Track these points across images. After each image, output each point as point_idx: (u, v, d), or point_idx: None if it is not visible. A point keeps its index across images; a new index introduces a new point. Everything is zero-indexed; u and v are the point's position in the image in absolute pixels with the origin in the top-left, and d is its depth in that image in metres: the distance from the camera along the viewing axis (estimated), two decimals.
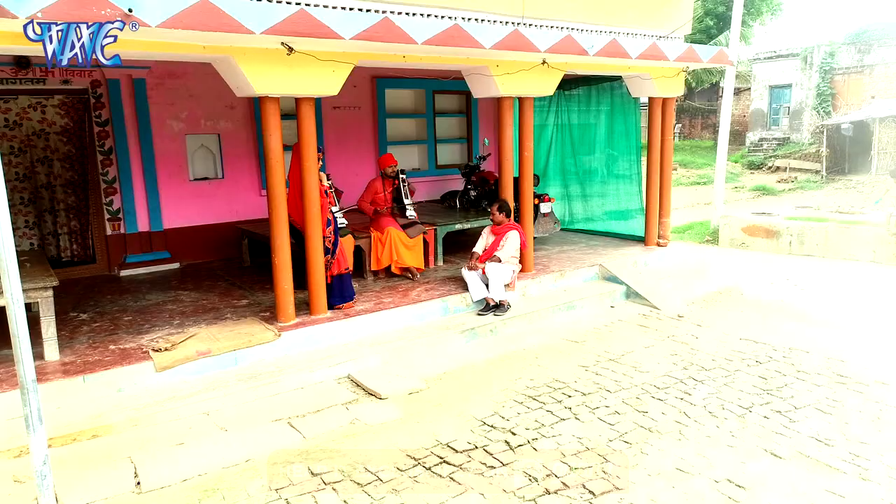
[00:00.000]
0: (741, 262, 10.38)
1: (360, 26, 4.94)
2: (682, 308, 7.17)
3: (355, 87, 9.44)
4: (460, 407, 4.71)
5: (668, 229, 8.92)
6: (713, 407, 4.62)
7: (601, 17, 7.40)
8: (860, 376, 5.17)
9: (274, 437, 4.29)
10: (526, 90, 6.78)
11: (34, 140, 7.41)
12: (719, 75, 28.93)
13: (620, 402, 4.74)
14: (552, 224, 8.80)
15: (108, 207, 7.78)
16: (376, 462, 3.95)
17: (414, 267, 7.23)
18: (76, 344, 5.30)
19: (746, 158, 25.37)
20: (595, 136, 9.54)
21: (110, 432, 4.34)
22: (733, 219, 12.12)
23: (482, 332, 6.23)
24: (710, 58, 7.78)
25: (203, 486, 3.73)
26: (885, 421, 4.39)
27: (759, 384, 5.02)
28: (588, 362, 5.55)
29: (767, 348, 5.82)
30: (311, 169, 5.64)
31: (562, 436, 4.24)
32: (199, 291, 6.94)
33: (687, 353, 5.72)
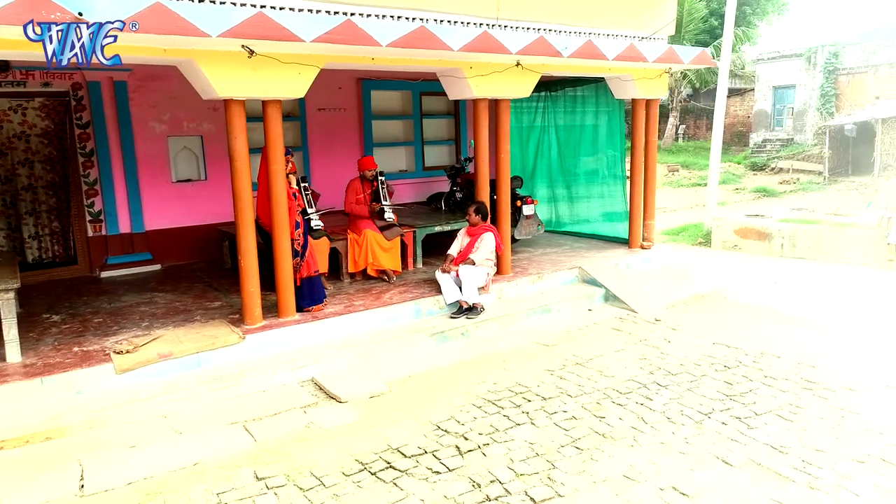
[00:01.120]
0: (730, 264, 10.30)
1: (321, 29, 4.93)
2: (661, 311, 7.10)
3: (340, 88, 9.48)
4: (418, 411, 4.69)
5: (653, 231, 8.84)
6: (672, 413, 4.57)
7: (580, 18, 7.35)
8: (829, 382, 5.09)
9: (226, 441, 4.29)
10: (501, 92, 6.75)
11: (15, 142, 7.47)
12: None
13: (580, 407, 4.70)
14: (535, 226, 8.74)
15: (90, 209, 7.82)
16: (323, 466, 3.93)
17: (390, 269, 7.21)
18: (41, 346, 5.32)
19: (749, 160, 25.16)
20: (581, 137, 9.48)
21: (64, 434, 4.35)
22: (726, 221, 12.03)
23: (453, 335, 6.20)
24: (691, 59, 7.71)
25: (147, 490, 3.72)
26: (844, 428, 4.32)
27: (724, 390, 4.96)
28: (555, 366, 5.51)
29: (739, 353, 5.75)
30: (278, 172, 5.64)
31: (514, 441, 4.21)
32: (175, 293, 6.96)
33: (656, 358, 5.66)
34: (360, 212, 7.20)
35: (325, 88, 9.26)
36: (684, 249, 11.79)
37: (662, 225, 14.94)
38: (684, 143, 29.98)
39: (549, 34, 7.00)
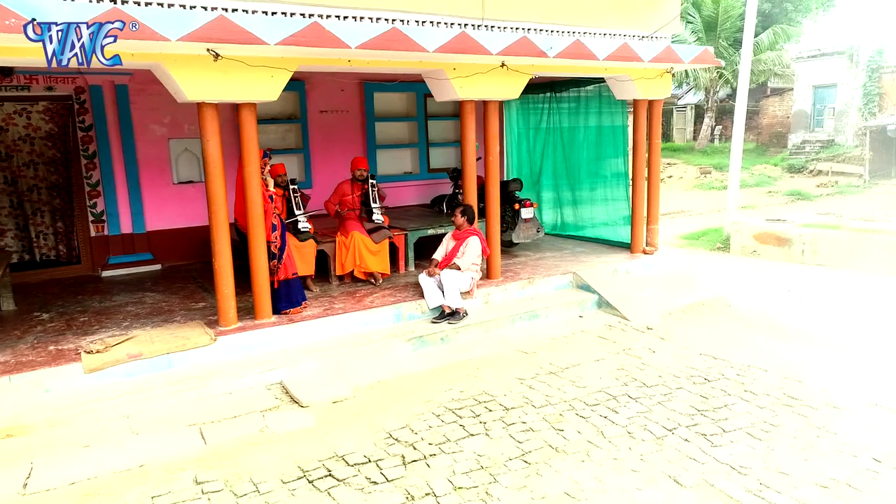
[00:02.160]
0: (743, 270, 9.92)
1: (286, 31, 4.91)
2: (655, 319, 6.86)
3: (343, 91, 9.49)
4: (376, 418, 4.62)
5: (657, 236, 8.57)
6: (635, 427, 4.38)
7: (574, 17, 7.16)
8: (812, 399, 4.81)
9: (178, 443, 4.30)
10: (487, 94, 6.63)
11: (20, 145, 7.70)
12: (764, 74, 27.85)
13: (541, 418, 4.55)
14: (534, 230, 8.58)
15: (92, 210, 8.01)
16: (264, 473, 3.90)
17: (378, 272, 7.16)
18: (21, 344, 5.45)
19: (787, 161, 24.27)
20: (584, 139, 9.26)
21: (25, 432, 4.43)
22: (744, 225, 11.59)
23: (431, 341, 6.11)
24: (692, 58, 7.43)
25: (86, 491, 3.75)
26: (816, 449, 4.06)
27: (697, 404, 4.74)
28: (527, 374, 5.37)
29: (724, 365, 5.50)
30: (253, 174, 5.65)
31: (462, 452, 4.10)
32: (165, 293, 7.06)
33: (635, 369, 5.46)
34: (330, 211, 7.22)
35: (327, 91, 9.32)
36: (698, 255, 11.41)
37: (683, 229, 14.53)
38: (720, 144, 29.13)
39: (538, 34, 6.87)
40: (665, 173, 24.87)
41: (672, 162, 25.94)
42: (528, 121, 10.30)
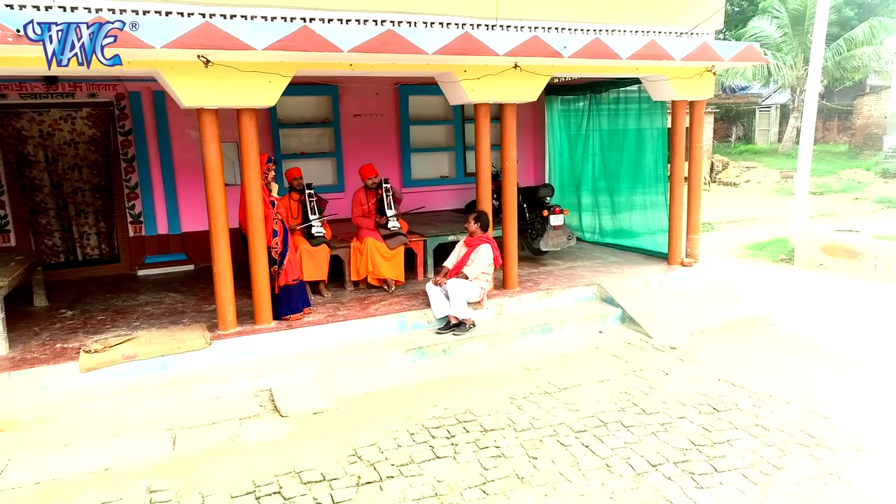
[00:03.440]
0: (804, 285, 9.08)
1: (274, 36, 4.86)
2: (681, 338, 6.36)
3: (377, 94, 9.44)
4: (348, 433, 4.47)
5: (698, 247, 7.98)
6: (616, 460, 4.01)
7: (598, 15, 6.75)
8: (834, 439, 4.26)
9: (148, 448, 4.31)
10: (502, 96, 6.36)
11: (65, 149, 8.11)
12: (860, 71, 25.70)
13: (518, 443, 4.26)
14: (565, 238, 8.19)
15: (131, 211, 8.34)
16: (217, 485, 3.84)
17: (392, 279, 7.03)
18: (34, 340, 5.69)
19: (881, 166, 22.23)
20: (623, 143, 8.76)
21: (14, 428, 4.59)
22: (811, 236, 10.64)
23: (433, 352, 5.91)
24: (733, 55, 6.82)
25: (46, 493, 3.82)
26: (819, 499, 3.56)
27: (696, 437, 4.30)
28: (520, 394, 5.07)
29: (741, 393, 4.99)
30: (252, 179, 5.65)
31: (422, 476, 3.88)
32: (186, 294, 7.23)
33: (639, 393, 5.04)
34: (366, 225, 7.09)
35: (361, 94, 9.30)
36: (757, 267, 10.56)
37: (751, 237, 13.57)
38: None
39: (559, 33, 6.53)
40: (743, 177, 23.45)
41: (752, 165, 24.40)
42: (570, 123, 9.88)
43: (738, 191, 22.27)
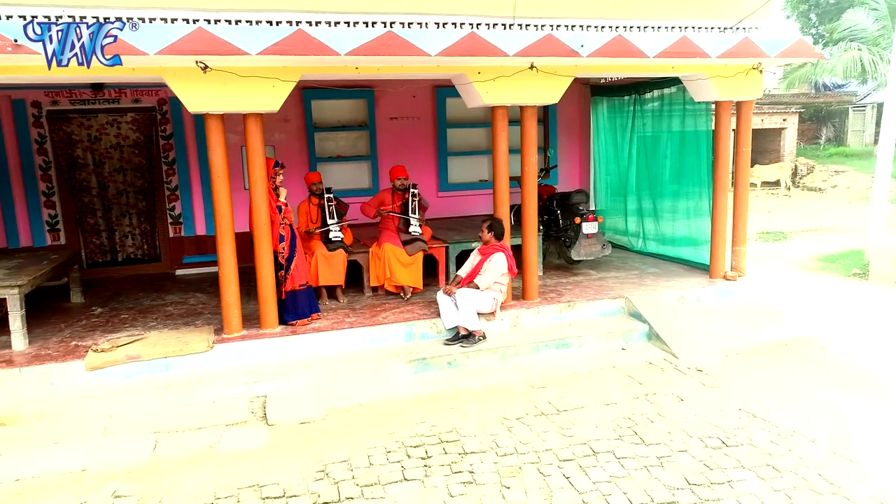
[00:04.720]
0: (872, 304, 8.19)
1: (268, 41, 4.82)
2: (711, 360, 5.85)
3: (415, 97, 9.33)
4: (325, 447, 4.35)
5: (743, 259, 7.37)
6: (594, 496, 3.67)
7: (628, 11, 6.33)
8: (855, 487, 3.73)
9: (128, 450, 4.35)
10: (519, 98, 6.08)
11: (111, 152, 8.47)
12: None
13: (495, 469, 3.99)
14: (598, 246, 7.77)
15: (171, 212, 8.62)
16: (180, 494, 3.80)
17: (409, 286, 6.87)
18: (55, 336, 5.92)
19: None
20: (667, 146, 8.23)
21: (15, 423, 4.76)
22: (887, 250, 9.62)
23: (437, 364, 5.71)
24: (780, 51, 6.20)
25: (21, 491, 3.91)
26: None
27: (693, 475, 3.88)
28: (516, 414, 4.78)
29: (761, 426, 4.49)
30: (258, 184, 5.65)
31: (384, 500, 3.69)
32: (211, 295, 7.35)
33: (644, 420, 4.64)
34: (365, 212, 7.04)
35: (397, 97, 9.21)
36: (825, 281, 9.65)
37: (823, 249, 12.49)
38: None
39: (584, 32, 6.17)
40: (829, 182, 21.79)
41: (841, 169, 22.61)
42: (615, 125, 9.41)
43: (822, 196, 20.70)
